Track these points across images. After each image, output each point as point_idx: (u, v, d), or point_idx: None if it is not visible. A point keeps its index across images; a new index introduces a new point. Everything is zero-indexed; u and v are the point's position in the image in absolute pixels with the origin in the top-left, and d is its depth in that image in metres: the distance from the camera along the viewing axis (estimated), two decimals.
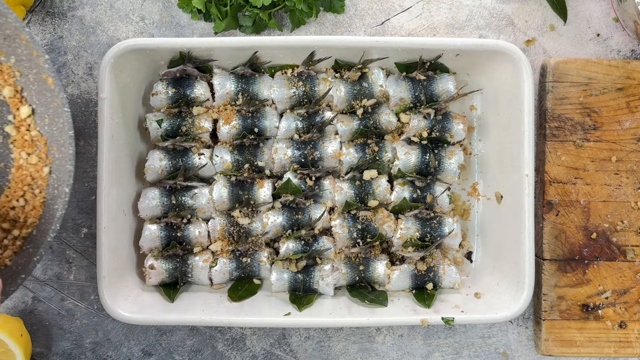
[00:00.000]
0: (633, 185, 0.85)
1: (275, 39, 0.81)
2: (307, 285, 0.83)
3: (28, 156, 0.76)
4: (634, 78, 0.85)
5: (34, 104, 0.75)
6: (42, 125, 0.75)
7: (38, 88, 0.74)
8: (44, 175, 0.75)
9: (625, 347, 0.85)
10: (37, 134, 0.76)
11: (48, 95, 0.73)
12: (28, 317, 0.87)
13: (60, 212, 0.71)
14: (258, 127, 0.84)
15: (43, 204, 0.75)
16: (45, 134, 0.75)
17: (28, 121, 0.76)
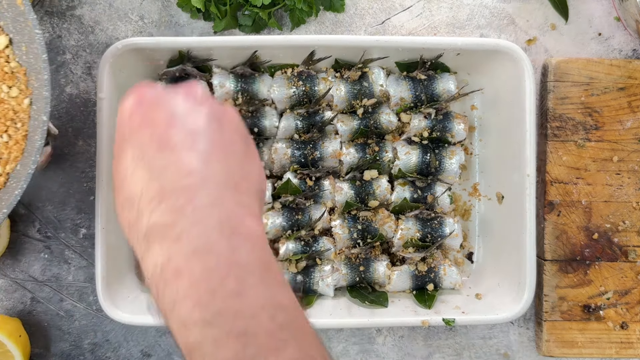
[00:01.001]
0: (635, 185, 0.85)
1: (275, 38, 0.80)
2: (307, 286, 0.83)
3: (9, 89, 0.73)
4: (636, 78, 0.84)
5: (10, 33, 0.72)
6: (20, 55, 0.72)
7: (12, 14, 0.71)
8: (25, 107, 0.72)
9: (627, 348, 0.85)
10: (16, 65, 0.73)
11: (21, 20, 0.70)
12: (26, 318, 0.87)
13: (39, 142, 0.68)
14: (258, 127, 0.83)
15: (25, 137, 0.72)
16: (24, 63, 0.72)
17: (6, 52, 0.73)
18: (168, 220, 0.44)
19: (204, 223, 0.44)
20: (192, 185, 0.45)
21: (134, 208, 0.46)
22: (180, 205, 0.44)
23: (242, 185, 0.48)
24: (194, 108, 0.49)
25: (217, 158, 0.47)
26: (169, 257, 0.43)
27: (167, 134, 0.47)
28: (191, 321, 0.42)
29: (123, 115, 0.50)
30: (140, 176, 0.46)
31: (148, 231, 0.45)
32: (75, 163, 0.87)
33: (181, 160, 0.46)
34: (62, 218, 0.87)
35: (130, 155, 0.48)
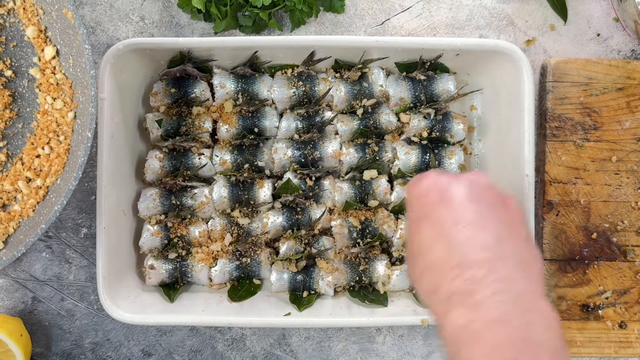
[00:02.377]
0: (633, 185, 0.85)
1: (275, 38, 0.81)
2: (307, 285, 0.83)
3: (53, 101, 0.73)
4: (634, 78, 0.85)
5: (58, 44, 0.72)
6: (66, 67, 0.72)
7: (61, 26, 0.70)
8: (69, 120, 0.72)
9: (626, 347, 0.85)
10: (62, 77, 0.73)
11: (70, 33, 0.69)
12: (28, 317, 0.87)
13: (82, 159, 0.68)
14: (258, 127, 0.84)
15: (68, 151, 0.72)
16: (70, 76, 0.72)
17: (53, 63, 0.73)
18: (468, 288, 0.49)
19: (502, 295, 0.48)
20: (490, 259, 0.50)
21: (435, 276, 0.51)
22: (479, 276, 0.49)
23: (531, 264, 0.52)
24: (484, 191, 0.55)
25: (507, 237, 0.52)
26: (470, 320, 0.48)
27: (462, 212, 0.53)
28: None
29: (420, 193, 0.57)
30: (441, 248, 0.51)
31: (449, 296, 0.49)
32: None
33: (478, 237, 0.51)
34: (63, 218, 0.87)
35: (429, 229, 0.53)
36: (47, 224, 0.70)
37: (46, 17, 0.72)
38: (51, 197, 0.72)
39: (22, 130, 0.77)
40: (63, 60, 0.72)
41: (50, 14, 0.71)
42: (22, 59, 0.76)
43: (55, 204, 0.69)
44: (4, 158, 0.78)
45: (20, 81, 0.76)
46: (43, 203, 0.72)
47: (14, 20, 0.75)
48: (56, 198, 0.71)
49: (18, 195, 0.76)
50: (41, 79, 0.74)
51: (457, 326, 0.48)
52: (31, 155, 0.74)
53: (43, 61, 0.74)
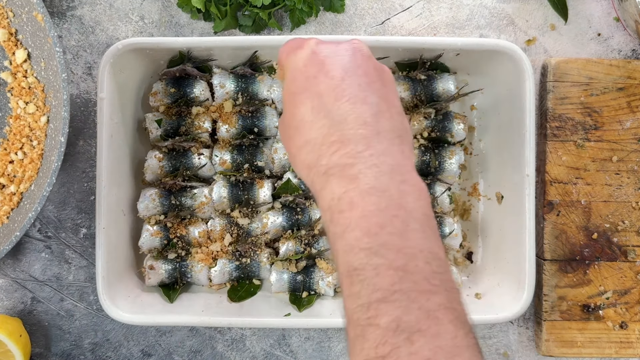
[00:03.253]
0: (634, 185, 0.85)
1: (275, 38, 0.80)
2: (307, 285, 0.83)
3: (26, 105, 0.72)
4: (635, 78, 0.84)
5: (29, 47, 0.71)
6: (38, 71, 0.71)
7: (32, 29, 0.69)
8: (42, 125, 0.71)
9: (626, 348, 0.85)
10: (34, 81, 0.71)
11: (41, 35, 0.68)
12: (27, 318, 0.87)
13: (56, 164, 0.67)
14: (258, 127, 0.84)
15: (41, 156, 0.71)
16: (42, 79, 0.71)
17: (24, 66, 0.72)
18: (347, 162, 0.50)
19: (379, 168, 0.49)
20: (368, 135, 0.51)
21: (314, 150, 0.52)
22: (359, 150, 0.50)
23: (404, 137, 0.53)
24: (363, 63, 0.54)
25: (385, 112, 0.53)
26: (346, 191, 0.49)
27: (342, 86, 0.53)
28: (358, 247, 0.47)
29: (297, 65, 0.55)
30: (322, 124, 0.52)
31: (328, 170, 0.50)
32: (76, 163, 0.87)
33: (357, 112, 0.52)
34: (62, 218, 0.87)
35: (309, 104, 0.53)
36: (21, 231, 0.68)
37: (16, 19, 0.71)
38: (25, 203, 0.71)
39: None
40: (34, 63, 0.71)
41: (20, 17, 0.70)
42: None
43: (29, 211, 0.68)
44: None
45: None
46: (17, 210, 0.71)
47: None
48: (30, 204, 0.69)
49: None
50: (12, 83, 0.73)
51: (334, 196, 0.50)
52: (4, 161, 0.73)
53: (14, 65, 0.72)
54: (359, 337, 0.45)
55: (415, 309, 0.45)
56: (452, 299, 0.47)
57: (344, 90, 0.52)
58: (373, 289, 0.45)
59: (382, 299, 0.45)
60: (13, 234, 0.69)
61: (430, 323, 0.44)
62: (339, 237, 0.48)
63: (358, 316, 0.46)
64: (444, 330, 0.45)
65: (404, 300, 0.45)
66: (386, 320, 0.44)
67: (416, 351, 0.43)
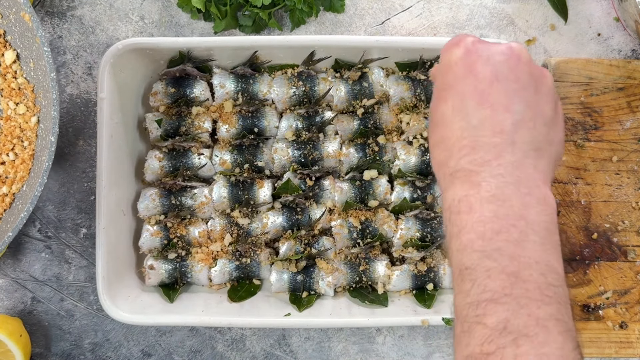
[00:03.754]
0: (634, 185, 0.85)
1: (275, 38, 0.80)
2: (307, 285, 0.83)
3: (16, 106, 0.72)
4: (635, 78, 0.84)
5: (18, 48, 0.70)
6: (27, 71, 0.71)
7: (20, 29, 0.69)
8: (33, 125, 0.71)
9: (626, 348, 0.85)
10: (23, 81, 0.71)
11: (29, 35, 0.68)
12: (27, 318, 0.87)
13: (47, 164, 0.67)
14: (258, 127, 0.84)
15: (32, 156, 0.71)
16: (32, 80, 0.70)
17: (14, 67, 0.71)
18: (474, 168, 0.50)
19: (505, 178, 0.49)
20: (501, 144, 0.50)
21: (447, 149, 0.52)
22: (487, 159, 0.50)
23: (544, 150, 0.52)
24: (517, 68, 0.53)
25: (527, 122, 0.52)
26: (467, 195, 0.50)
27: (487, 91, 0.52)
28: (471, 248, 0.48)
29: (449, 62, 0.55)
30: (459, 126, 0.52)
31: (454, 172, 0.51)
32: (76, 163, 0.87)
33: (496, 119, 0.51)
34: (62, 218, 0.87)
35: (451, 103, 0.53)
36: (14, 231, 0.68)
37: (4, 20, 0.70)
38: (17, 204, 0.71)
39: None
40: (24, 64, 0.71)
41: (8, 18, 0.70)
42: None
43: (21, 211, 0.68)
44: None
45: None
46: (10, 210, 0.71)
47: None
48: (22, 205, 0.69)
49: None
50: (2, 84, 0.72)
51: (454, 198, 0.50)
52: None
53: (4, 66, 0.72)
54: (465, 333, 0.46)
55: (525, 314, 0.45)
56: (565, 312, 0.47)
57: (489, 95, 0.52)
58: (483, 289, 0.46)
59: (492, 300, 0.45)
60: (6, 234, 0.69)
61: (538, 330, 0.44)
62: (455, 237, 0.49)
63: (467, 313, 0.46)
64: (552, 339, 0.44)
65: (514, 304, 0.45)
66: (494, 320, 0.45)
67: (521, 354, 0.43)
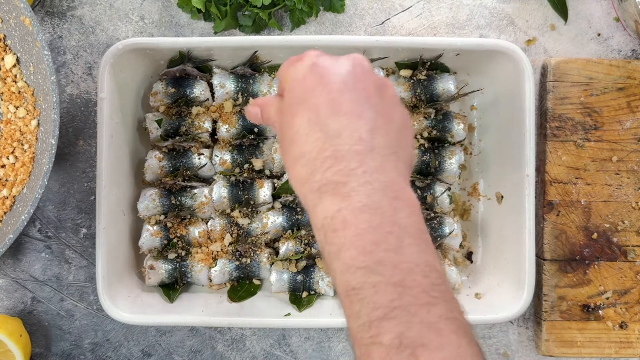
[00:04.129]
0: (634, 185, 0.85)
1: (275, 38, 0.80)
2: (307, 285, 0.83)
3: (16, 109, 0.72)
4: (635, 78, 0.84)
5: (17, 52, 0.71)
6: (27, 75, 0.71)
7: (20, 33, 0.69)
8: (33, 128, 0.71)
9: (626, 348, 0.85)
10: (23, 85, 0.71)
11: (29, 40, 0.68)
12: (27, 318, 0.87)
13: (47, 166, 0.67)
14: (258, 127, 0.84)
15: (32, 159, 0.71)
16: (32, 83, 0.71)
17: (14, 71, 0.72)
18: (341, 179, 0.50)
19: (372, 185, 0.49)
20: (362, 151, 0.51)
21: (308, 164, 0.52)
22: (351, 168, 0.50)
23: (399, 155, 0.53)
24: (363, 77, 0.54)
25: (381, 128, 0.53)
26: (339, 209, 0.49)
27: (339, 100, 0.52)
28: (354, 266, 0.47)
29: (297, 76, 0.55)
30: (317, 138, 0.51)
31: (321, 186, 0.50)
32: (76, 163, 0.87)
33: (353, 127, 0.51)
34: (62, 218, 0.87)
35: (305, 116, 0.53)
36: (15, 233, 0.68)
37: (4, 25, 0.71)
38: (18, 206, 0.71)
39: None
40: (23, 68, 0.71)
41: (8, 22, 0.70)
42: None
43: (22, 214, 0.68)
44: None
45: None
46: (10, 213, 0.71)
47: None
48: (23, 207, 0.70)
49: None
50: (2, 88, 0.73)
51: (327, 215, 0.50)
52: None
53: (3, 70, 0.73)
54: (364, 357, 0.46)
55: (417, 323, 0.45)
56: (452, 308, 0.47)
57: (341, 104, 0.52)
58: (373, 307, 0.46)
59: (383, 317, 0.45)
60: (7, 236, 0.69)
61: (432, 336, 0.44)
62: (335, 257, 0.48)
63: (361, 335, 0.46)
64: (447, 341, 0.45)
65: (405, 315, 0.45)
66: (389, 338, 0.44)
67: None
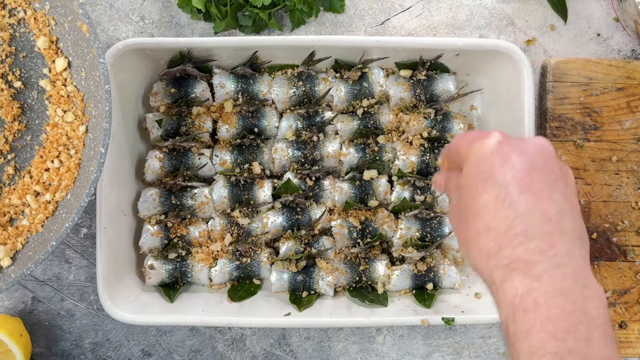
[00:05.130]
0: (633, 185, 0.85)
1: (275, 38, 0.80)
2: (307, 285, 0.83)
3: (64, 113, 0.71)
4: (635, 78, 0.85)
5: (70, 56, 0.70)
6: (78, 80, 0.71)
7: (74, 38, 0.69)
8: (80, 134, 0.70)
9: (626, 347, 0.85)
10: (73, 89, 0.71)
11: (84, 45, 0.68)
12: (28, 317, 0.87)
13: (95, 175, 0.66)
14: (258, 127, 0.84)
15: (79, 165, 0.70)
16: (82, 89, 0.70)
17: (64, 75, 0.71)
18: (532, 258, 0.50)
19: (563, 269, 0.50)
20: (552, 232, 0.51)
21: (495, 239, 0.52)
22: (542, 248, 0.50)
23: (584, 240, 0.53)
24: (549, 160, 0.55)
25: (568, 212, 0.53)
26: (529, 290, 0.49)
27: (529, 180, 0.52)
28: (544, 350, 0.48)
29: (482, 152, 0.55)
30: (506, 215, 0.52)
31: (510, 263, 0.51)
32: None
33: (543, 208, 0.52)
34: None
35: (493, 192, 0.53)
36: (57, 240, 0.67)
37: (58, 28, 0.71)
38: (61, 212, 0.70)
39: (31, 142, 0.76)
40: (75, 72, 0.71)
41: (62, 25, 0.70)
42: (31, 70, 0.74)
43: (66, 220, 0.67)
44: (12, 171, 0.76)
45: (29, 92, 0.75)
46: (52, 218, 0.71)
47: (25, 30, 0.74)
48: (67, 214, 0.69)
49: (26, 209, 0.74)
50: (51, 91, 0.73)
51: (517, 293, 0.50)
52: (40, 168, 0.73)
53: (54, 73, 0.73)
54: None
55: None
56: None
57: (531, 184, 0.52)
58: None
59: None
60: (49, 243, 0.68)
61: None
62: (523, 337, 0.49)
63: None
64: None
65: None
66: None
67: None
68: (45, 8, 0.70)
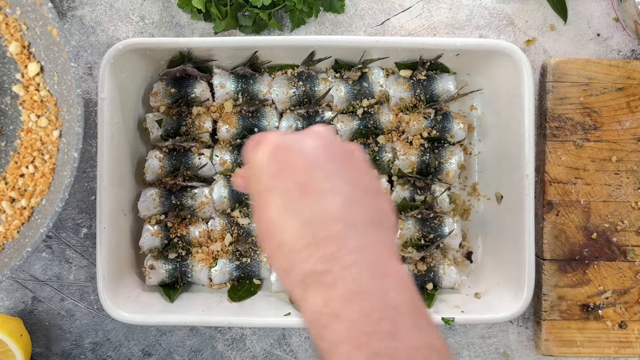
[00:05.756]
0: (633, 185, 0.85)
1: (275, 38, 0.81)
2: None
3: (38, 118, 0.71)
4: (634, 78, 0.85)
5: (42, 60, 0.70)
6: (51, 84, 0.70)
7: (46, 42, 0.68)
8: (54, 139, 0.70)
9: (626, 347, 0.85)
10: (46, 94, 0.70)
11: (55, 49, 0.67)
12: (28, 317, 0.87)
13: (69, 180, 0.66)
14: (258, 127, 0.84)
15: (53, 170, 0.70)
16: (55, 93, 0.70)
17: (37, 80, 0.71)
18: (322, 267, 0.46)
19: (356, 267, 0.46)
20: (339, 232, 0.47)
21: (287, 255, 0.48)
22: (331, 252, 0.46)
23: (382, 223, 0.50)
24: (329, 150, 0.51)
25: (356, 199, 0.49)
26: (326, 302, 0.45)
27: (306, 179, 0.49)
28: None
29: (259, 163, 0.52)
30: (291, 224, 0.48)
31: (304, 278, 0.47)
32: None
33: (325, 207, 0.48)
34: (63, 218, 0.87)
35: (277, 203, 0.49)
36: (32, 246, 0.67)
37: (30, 32, 0.70)
38: (36, 218, 0.70)
39: (5, 148, 0.75)
40: (47, 77, 0.70)
41: (34, 30, 0.69)
42: (4, 76, 0.73)
43: (40, 226, 0.67)
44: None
45: (3, 98, 0.74)
46: (28, 224, 0.70)
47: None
48: (42, 220, 0.68)
49: (2, 216, 0.73)
50: (24, 96, 0.72)
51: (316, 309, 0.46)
52: (15, 174, 0.72)
53: (27, 78, 0.72)
54: None
55: None
56: None
57: (309, 184, 0.49)
58: None
59: None
60: (24, 249, 0.68)
61: None
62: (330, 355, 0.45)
63: None
64: None
65: None
66: None
67: None
68: (17, 13, 0.69)
